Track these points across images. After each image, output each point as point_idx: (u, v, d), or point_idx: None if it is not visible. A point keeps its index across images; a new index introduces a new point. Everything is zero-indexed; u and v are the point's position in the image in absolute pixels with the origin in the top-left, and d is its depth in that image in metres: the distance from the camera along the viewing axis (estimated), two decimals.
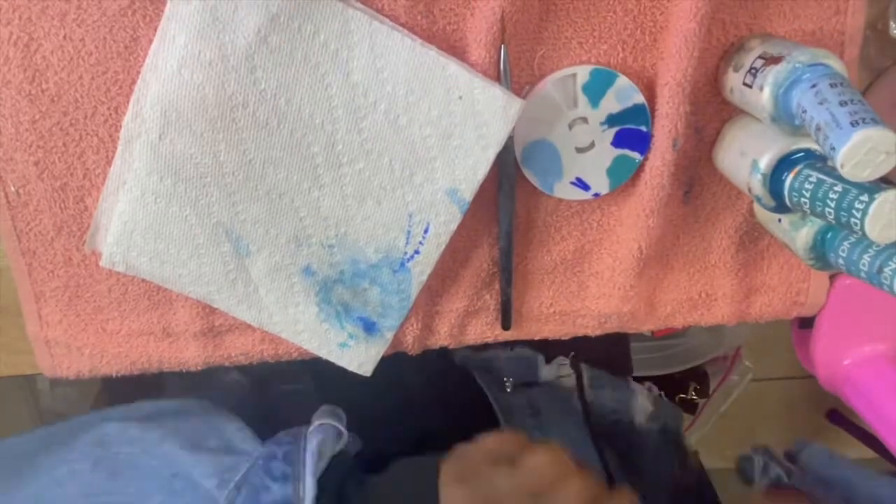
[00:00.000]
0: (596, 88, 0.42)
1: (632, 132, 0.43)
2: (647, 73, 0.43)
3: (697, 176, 0.46)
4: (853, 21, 0.43)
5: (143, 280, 0.45)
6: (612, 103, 0.42)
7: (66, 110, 0.41)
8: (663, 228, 0.47)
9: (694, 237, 0.48)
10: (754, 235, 0.49)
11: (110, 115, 0.41)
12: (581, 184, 0.44)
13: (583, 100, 0.42)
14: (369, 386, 0.49)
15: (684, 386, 1.07)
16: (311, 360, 0.49)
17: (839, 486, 0.49)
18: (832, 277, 0.51)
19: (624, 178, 0.44)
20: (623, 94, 0.42)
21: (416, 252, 0.44)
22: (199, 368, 0.49)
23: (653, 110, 0.43)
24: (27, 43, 0.39)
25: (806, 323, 0.54)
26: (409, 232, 0.43)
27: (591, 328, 0.51)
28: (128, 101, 0.40)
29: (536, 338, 0.51)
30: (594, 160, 0.44)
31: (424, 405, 0.60)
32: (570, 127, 0.43)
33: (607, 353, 0.64)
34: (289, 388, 0.61)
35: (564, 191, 0.45)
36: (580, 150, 0.43)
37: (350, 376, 0.48)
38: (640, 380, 0.67)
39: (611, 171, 0.44)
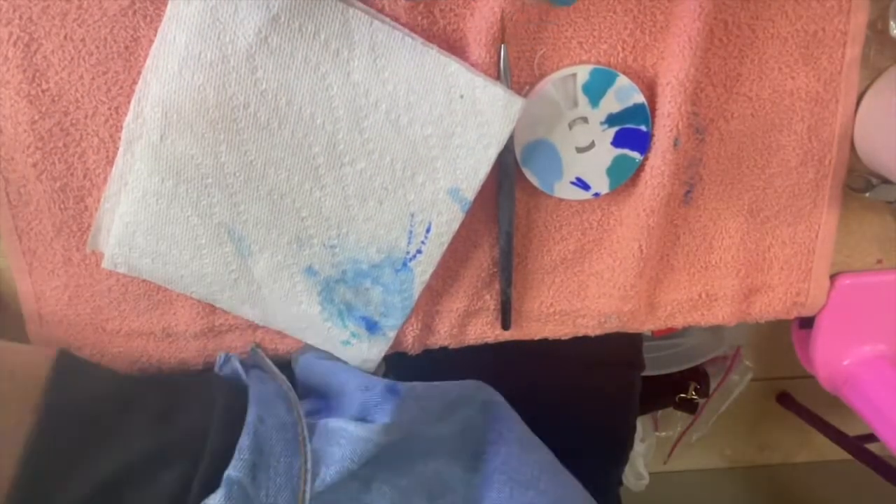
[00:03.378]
0: (596, 88, 0.42)
1: (632, 132, 0.43)
2: (647, 72, 0.43)
3: (698, 176, 0.46)
4: (855, 20, 0.43)
5: (143, 280, 0.45)
6: (612, 103, 0.42)
7: (66, 110, 0.41)
8: (663, 228, 0.47)
9: (694, 237, 0.48)
10: (755, 236, 0.49)
11: (111, 114, 0.41)
12: (581, 183, 0.44)
13: (583, 99, 0.42)
14: None
15: (684, 386, 1.07)
16: None
17: (319, 389, 0.46)
18: (832, 278, 0.51)
19: (624, 177, 0.44)
20: (623, 93, 0.42)
21: (419, 251, 0.44)
22: (199, 368, 0.49)
23: (653, 110, 0.43)
24: (28, 43, 0.39)
25: (806, 323, 0.54)
26: (410, 231, 0.43)
27: (592, 328, 0.51)
28: (128, 101, 0.40)
29: (536, 338, 0.51)
30: (594, 160, 0.44)
31: None
32: (570, 127, 0.43)
33: (619, 352, 0.63)
34: None
35: (564, 191, 0.45)
36: (580, 150, 0.43)
37: None
38: (641, 379, 0.66)
39: (611, 171, 0.44)
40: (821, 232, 0.49)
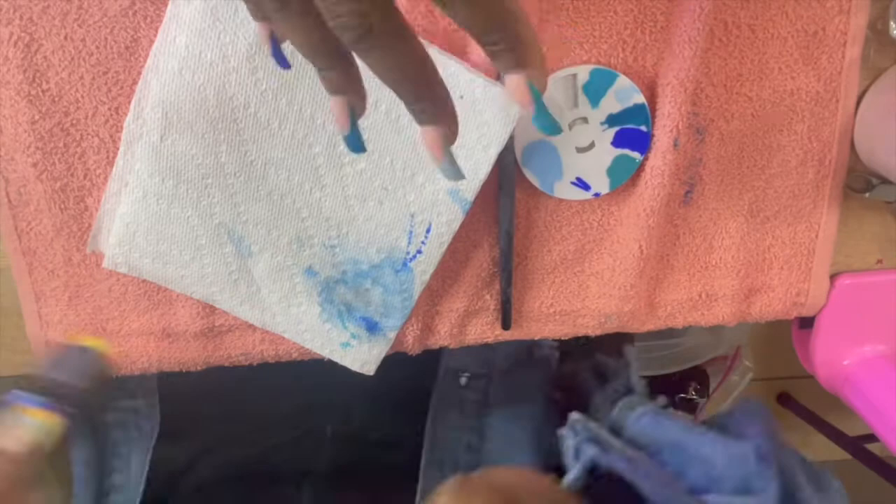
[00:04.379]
0: (596, 88, 0.42)
1: (632, 132, 0.43)
2: (647, 72, 0.43)
3: (698, 175, 0.46)
4: (856, 21, 0.43)
5: (143, 280, 0.45)
6: (612, 103, 0.42)
7: (66, 110, 0.41)
8: (663, 228, 0.47)
9: (694, 237, 0.48)
10: (755, 236, 0.49)
11: (111, 115, 0.41)
12: (581, 183, 0.44)
13: (583, 100, 0.42)
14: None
15: (684, 386, 1.07)
16: None
17: (665, 450, 0.47)
18: (832, 278, 0.51)
19: (624, 177, 0.44)
20: (623, 93, 0.42)
21: (419, 252, 0.44)
22: (199, 369, 0.49)
23: (653, 110, 0.43)
24: (28, 43, 0.39)
25: (806, 323, 0.54)
26: (410, 232, 0.43)
27: (592, 328, 0.51)
28: (129, 102, 0.40)
29: (537, 337, 0.51)
30: (594, 160, 0.44)
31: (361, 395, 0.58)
32: (571, 127, 0.43)
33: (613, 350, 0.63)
34: None
35: (565, 191, 0.45)
36: (580, 150, 0.43)
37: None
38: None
39: (611, 171, 0.44)
40: (821, 232, 0.49)
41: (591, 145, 0.43)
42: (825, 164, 0.47)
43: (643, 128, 0.43)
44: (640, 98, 0.42)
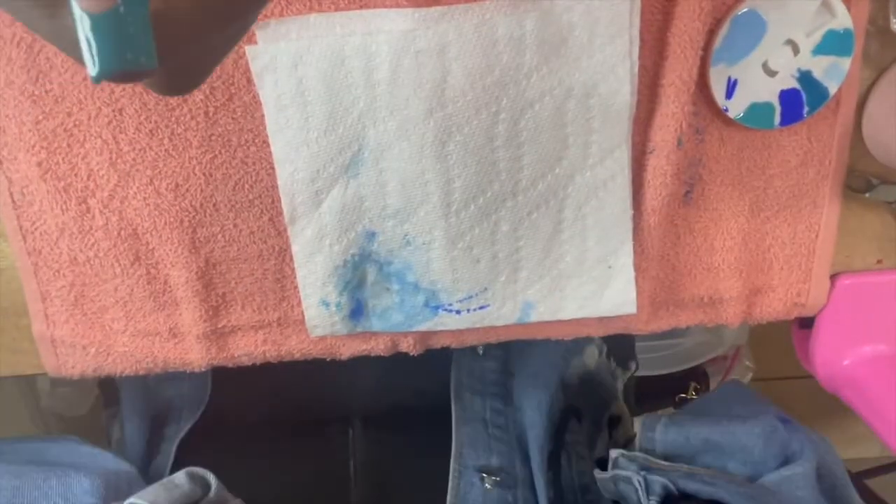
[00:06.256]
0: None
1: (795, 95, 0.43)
2: (647, 72, 0.43)
3: (697, 175, 0.46)
4: (857, 16, 0.43)
5: (149, 282, 0.45)
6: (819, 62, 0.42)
7: (69, 111, 0.41)
8: (664, 228, 0.47)
9: (695, 238, 0.48)
10: (755, 236, 0.49)
11: (114, 116, 0.41)
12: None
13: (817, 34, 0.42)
14: None
15: (684, 386, 1.07)
16: None
17: (700, 455, 0.47)
18: (832, 278, 0.51)
19: (753, 122, 0.44)
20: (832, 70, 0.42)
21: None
22: (202, 369, 0.49)
23: (655, 110, 0.43)
24: (30, 44, 0.39)
25: (806, 323, 0.54)
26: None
27: (593, 328, 0.51)
28: (132, 104, 0.40)
29: (540, 337, 0.51)
30: (765, 83, 0.43)
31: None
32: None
33: (611, 351, 0.63)
34: None
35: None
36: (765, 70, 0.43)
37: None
38: (641, 379, 0.66)
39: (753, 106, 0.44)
40: (821, 232, 0.49)
41: (775, 72, 0.42)
42: (825, 164, 0.47)
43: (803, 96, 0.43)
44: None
